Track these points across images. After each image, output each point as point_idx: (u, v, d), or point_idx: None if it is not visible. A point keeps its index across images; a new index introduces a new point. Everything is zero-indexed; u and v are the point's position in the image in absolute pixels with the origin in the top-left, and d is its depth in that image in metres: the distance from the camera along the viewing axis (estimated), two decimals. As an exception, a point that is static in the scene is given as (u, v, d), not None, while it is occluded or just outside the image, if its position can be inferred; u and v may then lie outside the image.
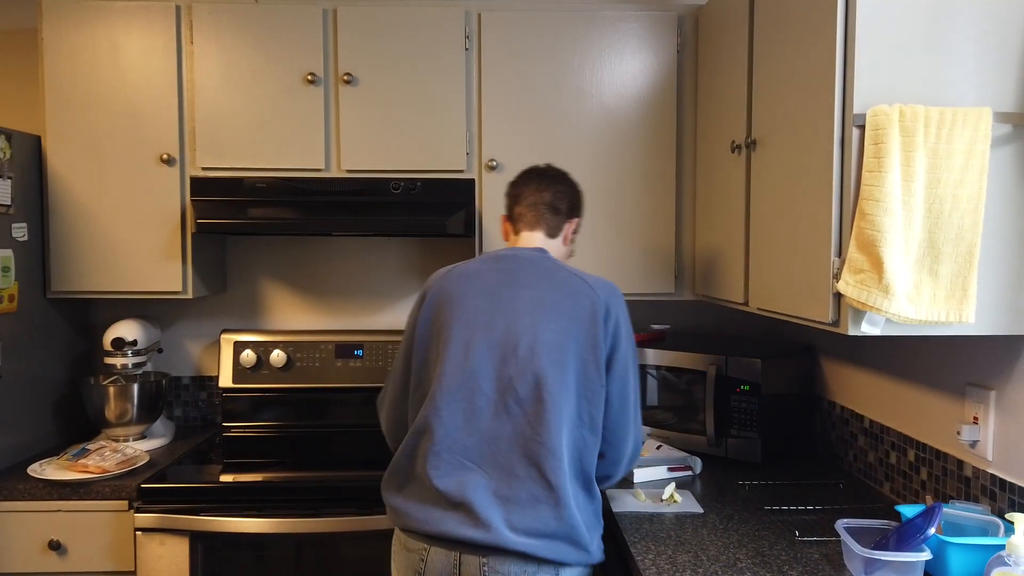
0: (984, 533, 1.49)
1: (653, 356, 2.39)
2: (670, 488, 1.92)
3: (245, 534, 2.04)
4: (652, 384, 2.40)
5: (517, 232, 1.78)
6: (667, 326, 2.79)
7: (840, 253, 1.46)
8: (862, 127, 1.41)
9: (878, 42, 1.42)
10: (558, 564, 1.50)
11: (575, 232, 1.84)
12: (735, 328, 2.82)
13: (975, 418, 1.61)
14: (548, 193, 1.76)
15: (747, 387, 2.17)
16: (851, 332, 1.43)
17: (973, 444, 1.62)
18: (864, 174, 1.40)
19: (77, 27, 2.33)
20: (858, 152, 1.42)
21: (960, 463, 1.67)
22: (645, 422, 2.40)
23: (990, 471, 1.57)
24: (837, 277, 1.44)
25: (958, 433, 1.62)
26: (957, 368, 1.69)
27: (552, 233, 1.77)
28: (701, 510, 1.84)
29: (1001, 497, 1.53)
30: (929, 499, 1.76)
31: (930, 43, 1.42)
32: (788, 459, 2.28)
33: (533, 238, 1.75)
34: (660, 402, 2.38)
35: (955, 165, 1.38)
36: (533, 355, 1.53)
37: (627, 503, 1.89)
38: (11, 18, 2.64)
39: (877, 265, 1.37)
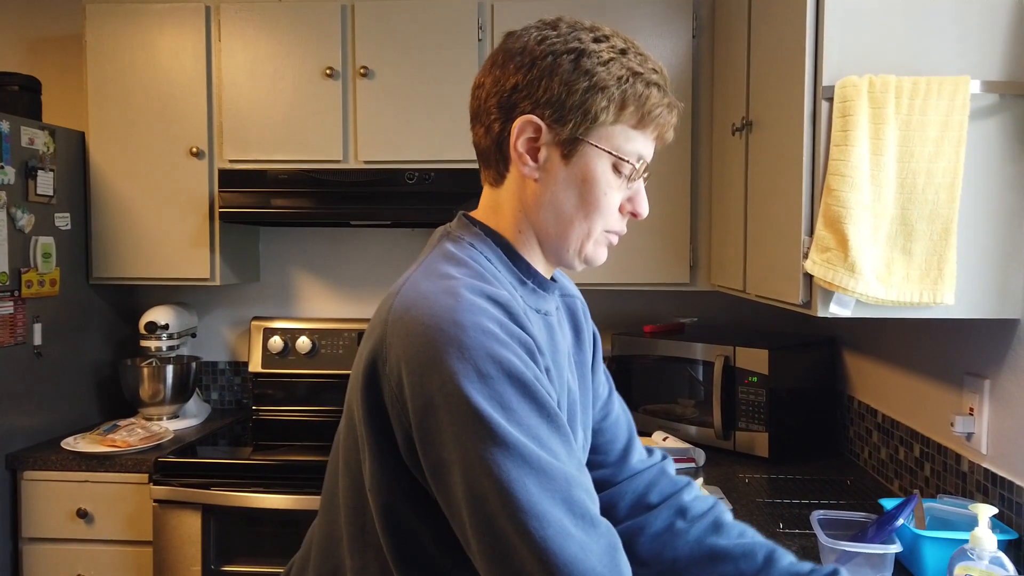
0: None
1: (665, 347, 2.35)
2: (696, 485, 1.84)
3: (255, 509, 2.12)
4: (665, 375, 2.35)
5: None
6: (694, 319, 2.73)
7: (811, 232, 1.41)
8: (831, 99, 1.35)
9: (851, 9, 1.36)
10: None
11: (550, 141, 0.92)
12: (759, 321, 2.73)
13: (971, 409, 1.51)
14: (472, 90, 0.99)
15: (755, 379, 2.10)
16: (821, 314, 1.37)
17: (968, 437, 1.52)
18: (832, 148, 1.34)
19: (117, 30, 2.48)
20: (827, 126, 1.36)
21: (958, 457, 1.57)
22: (659, 415, 2.36)
23: (984, 465, 1.48)
24: (806, 256, 1.39)
25: (951, 425, 1.53)
26: (956, 356, 1.60)
27: (493, 179, 0.98)
28: (731, 506, 1.77)
29: (993, 493, 1.44)
30: (917, 492, 1.67)
31: (908, 9, 1.35)
32: (800, 454, 2.19)
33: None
34: (673, 394, 2.34)
35: (929, 137, 1.31)
36: None
37: None
38: (59, 26, 2.84)
39: (843, 243, 1.32)
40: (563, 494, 0.76)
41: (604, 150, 0.91)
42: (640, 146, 0.94)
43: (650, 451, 1.22)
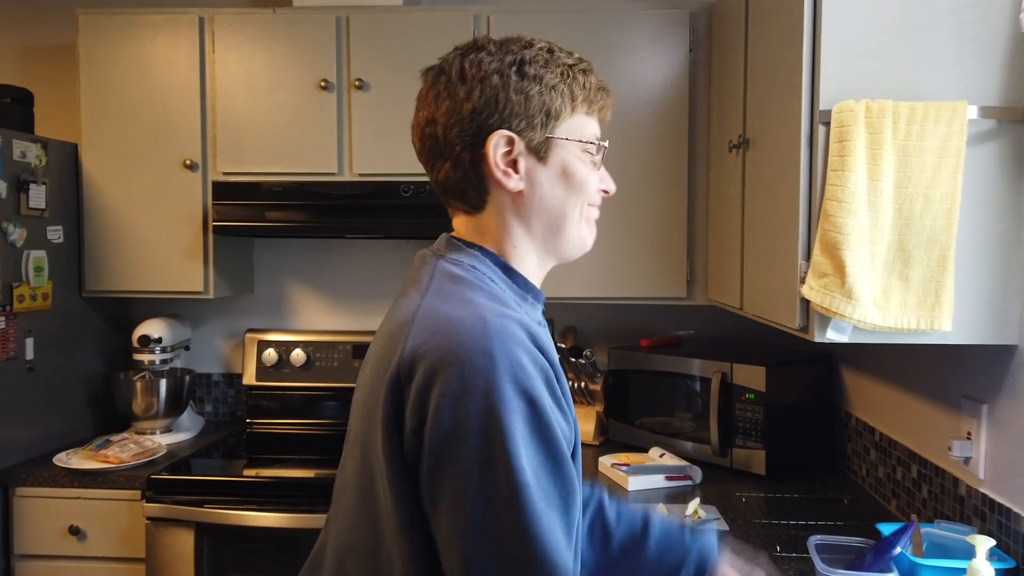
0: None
1: (661, 362, 2.34)
2: (694, 504, 1.83)
3: (249, 527, 2.11)
4: (662, 390, 2.34)
5: None
6: (691, 332, 2.72)
7: (808, 256, 1.40)
8: (828, 124, 1.34)
9: (848, 34, 1.35)
10: None
11: (523, 149, 0.95)
12: (756, 334, 2.72)
13: (968, 433, 1.51)
14: (420, 132, 1.02)
15: (752, 396, 2.09)
16: (818, 339, 1.36)
17: (966, 461, 1.51)
18: (829, 173, 1.33)
19: (110, 41, 2.46)
20: (824, 150, 1.35)
21: (956, 480, 1.56)
22: (656, 430, 2.34)
23: (982, 490, 1.47)
24: (803, 281, 1.38)
25: (949, 449, 1.52)
26: (954, 379, 1.59)
27: (469, 209, 0.99)
28: (727, 527, 1.75)
29: (990, 519, 1.43)
30: (915, 518, 1.66)
31: (906, 35, 1.34)
32: (797, 472, 2.18)
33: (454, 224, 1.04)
34: (670, 408, 2.32)
35: (927, 163, 1.30)
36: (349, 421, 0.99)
37: None
38: (52, 36, 2.82)
39: (840, 269, 1.31)
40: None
41: (573, 140, 0.98)
42: (594, 128, 1.01)
43: None
